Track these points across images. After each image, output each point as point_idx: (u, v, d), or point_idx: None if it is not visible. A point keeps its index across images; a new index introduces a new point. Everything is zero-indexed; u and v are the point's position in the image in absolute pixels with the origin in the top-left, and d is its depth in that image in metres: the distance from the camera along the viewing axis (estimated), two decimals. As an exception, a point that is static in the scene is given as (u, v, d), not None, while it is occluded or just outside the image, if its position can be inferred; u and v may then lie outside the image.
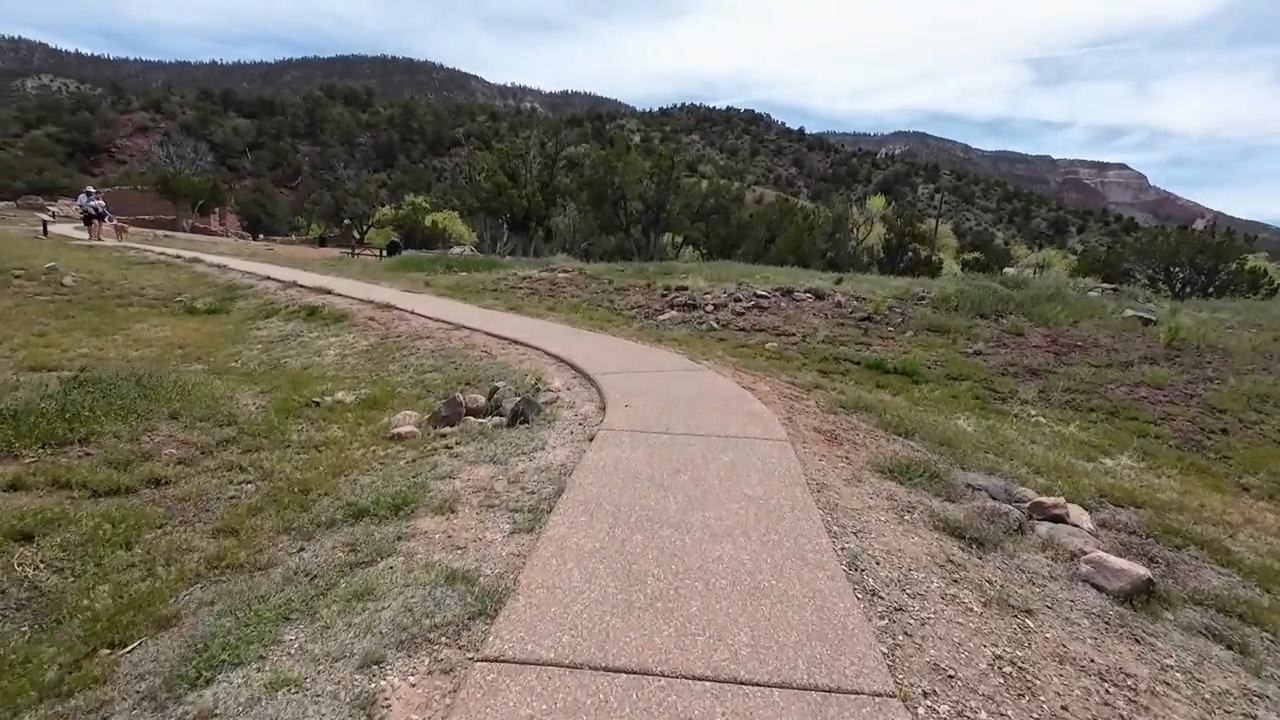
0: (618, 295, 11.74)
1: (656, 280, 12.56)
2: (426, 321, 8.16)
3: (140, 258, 15.34)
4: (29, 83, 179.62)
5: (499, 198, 21.23)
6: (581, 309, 10.73)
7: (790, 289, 11.03)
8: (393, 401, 5.29)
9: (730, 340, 8.85)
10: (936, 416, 6.11)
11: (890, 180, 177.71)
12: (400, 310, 8.93)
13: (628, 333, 9.05)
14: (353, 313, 8.80)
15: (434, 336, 7.33)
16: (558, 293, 12.18)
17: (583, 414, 4.48)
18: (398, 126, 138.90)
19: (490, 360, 6.20)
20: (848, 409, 5.53)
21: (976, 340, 9.11)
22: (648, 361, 6.20)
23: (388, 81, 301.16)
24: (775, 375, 6.84)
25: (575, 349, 6.56)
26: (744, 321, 9.74)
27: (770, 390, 5.66)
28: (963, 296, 10.44)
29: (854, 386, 6.88)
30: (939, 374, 7.87)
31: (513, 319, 8.81)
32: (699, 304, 10.43)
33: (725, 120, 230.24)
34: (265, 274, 12.73)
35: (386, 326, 7.93)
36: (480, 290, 12.39)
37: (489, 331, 7.42)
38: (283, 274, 13.07)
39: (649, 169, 23.37)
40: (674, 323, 9.81)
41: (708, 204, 26.16)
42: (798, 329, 9.43)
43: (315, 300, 9.89)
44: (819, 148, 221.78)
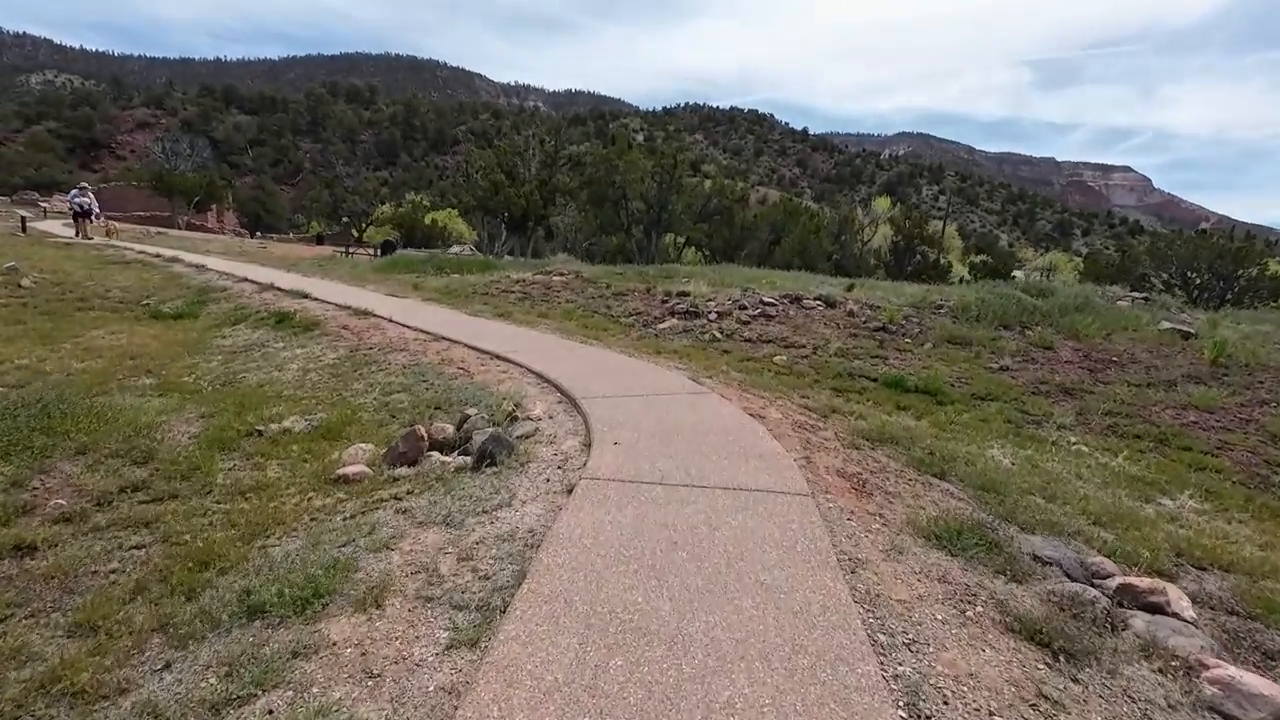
0: (615, 301, 11.05)
1: (657, 285, 11.87)
2: (404, 331, 7.47)
3: (118, 256, 14.68)
4: (33, 78, 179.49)
5: (495, 196, 20.53)
6: (576, 316, 10.04)
7: (799, 296, 10.33)
8: (349, 430, 4.60)
9: (735, 352, 8.15)
10: (968, 446, 5.41)
11: (894, 181, 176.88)
12: (378, 318, 8.24)
13: (624, 343, 8.36)
14: (326, 320, 8.12)
15: (409, 349, 6.64)
16: (551, 297, 11.49)
17: (564, 452, 3.79)
18: (400, 124, 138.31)
19: (467, 380, 5.50)
20: (871, 441, 4.83)
21: (1002, 354, 8.40)
22: (643, 381, 5.51)
23: (392, 79, 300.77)
24: (786, 396, 6.15)
25: (563, 366, 5.87)
26: (750, 331, 9.04)
27: (782, 418, 4.96)
28: (984, 306, 9.73)
29: (873, 410, 6.18)
30: (964, 393, 7.17)
31: (500, 328, 8.12)
32: (701, 311, 9.74)
33: (729, 120, 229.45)
34: (244, 275, 12.05)
35: (359, 337, 7.24)
36: (470, 294, 11.70)
37: (471, 344, 6.73)
38: (264, 275, 12.40)
39: (651, 168, 22.66)
40: (674, 332, 9.11)
41: (711, 204, 25.44)
42: (808, 340, 8.73)
43: (290, 305, 9.21)
44: (823, 148, 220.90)
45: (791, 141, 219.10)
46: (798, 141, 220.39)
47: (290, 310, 8.67)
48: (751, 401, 5.46)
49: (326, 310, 8.83)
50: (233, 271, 12.55)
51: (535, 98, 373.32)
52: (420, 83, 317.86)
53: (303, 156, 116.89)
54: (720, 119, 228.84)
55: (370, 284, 13.12)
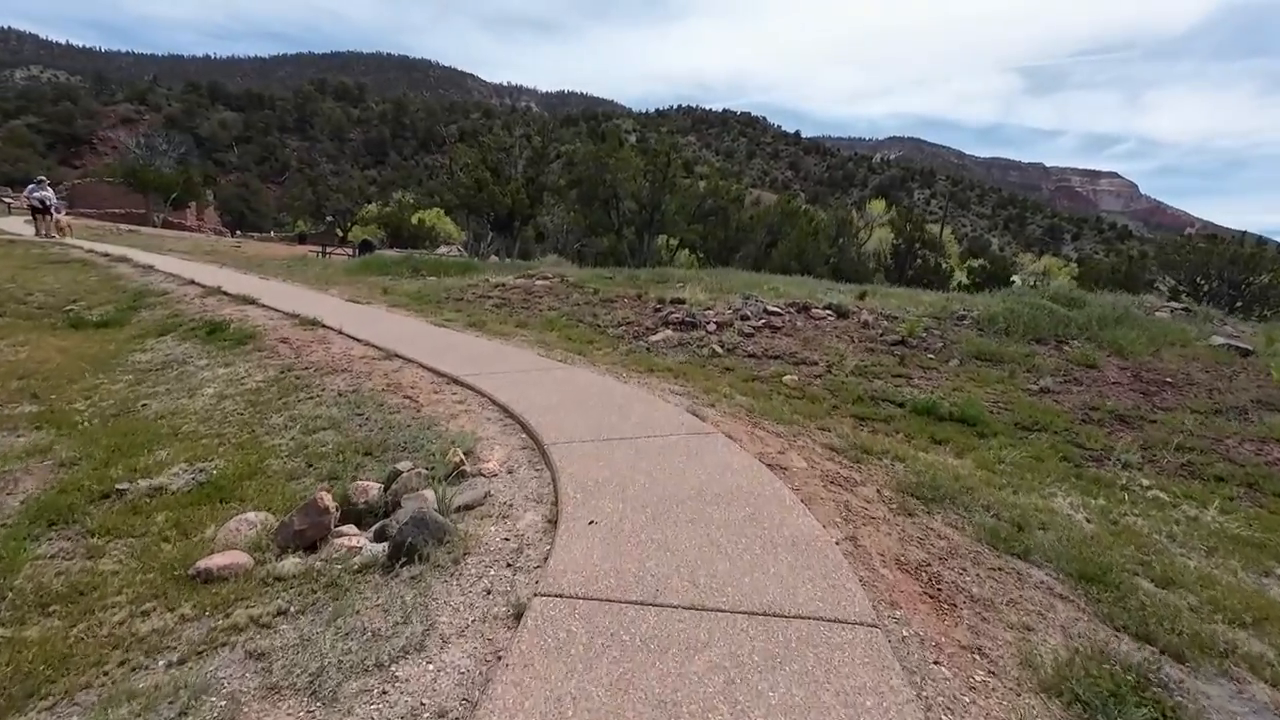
0: (603, 308, 9.98)
1: (649, 290, 10.81)
2: (352, 346, 6.36)
3: (60, 256, 13.45)
4: (18, 73, 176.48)
5: (479, 194, 19.41)
6: (558, 326, 8.96)
7: (806, 304, 9.30)
8: (246, 487, 3.51)
9: (739, 371, 7.11)
10: (1031, 497, 4.40)
11: (886, 185, 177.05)
12: (326, 329, 7.13)
13: (611, 359, 7.29)
14: (265, 331, 6.99)
15: (353, 370, 5.54)
16: (532, 304, 10.40)
17: (519, 535, 2.73)
18: (389, 123, 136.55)
19: (413, 414, 4.42)
20: (923, 500, 3.79)
21: (1040, 373, 7.41)
22: (632, 415, 4.44)
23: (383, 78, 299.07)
24: (804, 430, 5.10)
25: (535, 394, 4.80)
26: (754, 345, 8.00)
27: (808, 468, 3.92)
28: (1013, 317, 8.75)
29: (907, 447, 5.16)
30: (1006, 421, 6.16)
31: (468, 342, 7.02)
32: (699, 322, 8.68)
33: (721, 122, 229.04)
34: (193, 277, 10.88)
35: (298, 353, 6.13)
36: (442, 300, 10.60)
37: (428, 364, 5.64)
38: (216, 278, 11.23)
39: (644, 166, 21.62)
40: (669, 346, 8.05)
41: (705, 205, 24.43)
42: (820, 356, 7.70)
43: (230, 313, 8.07)
44: (815, 151, 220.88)
45: (784, 144, 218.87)
46: (790, 144, 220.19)
47: (227, 319, 7.54)
48: (766, 442, 4.41)
49: (270, 319, 7.70)
50: (182, 273, 11.37)
51: (527, 98, 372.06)
52: (412, 82, 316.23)
53: (290, 154, 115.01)
54: (713, 121, 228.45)
55: (336, 287, 11.99)
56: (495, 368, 5.65)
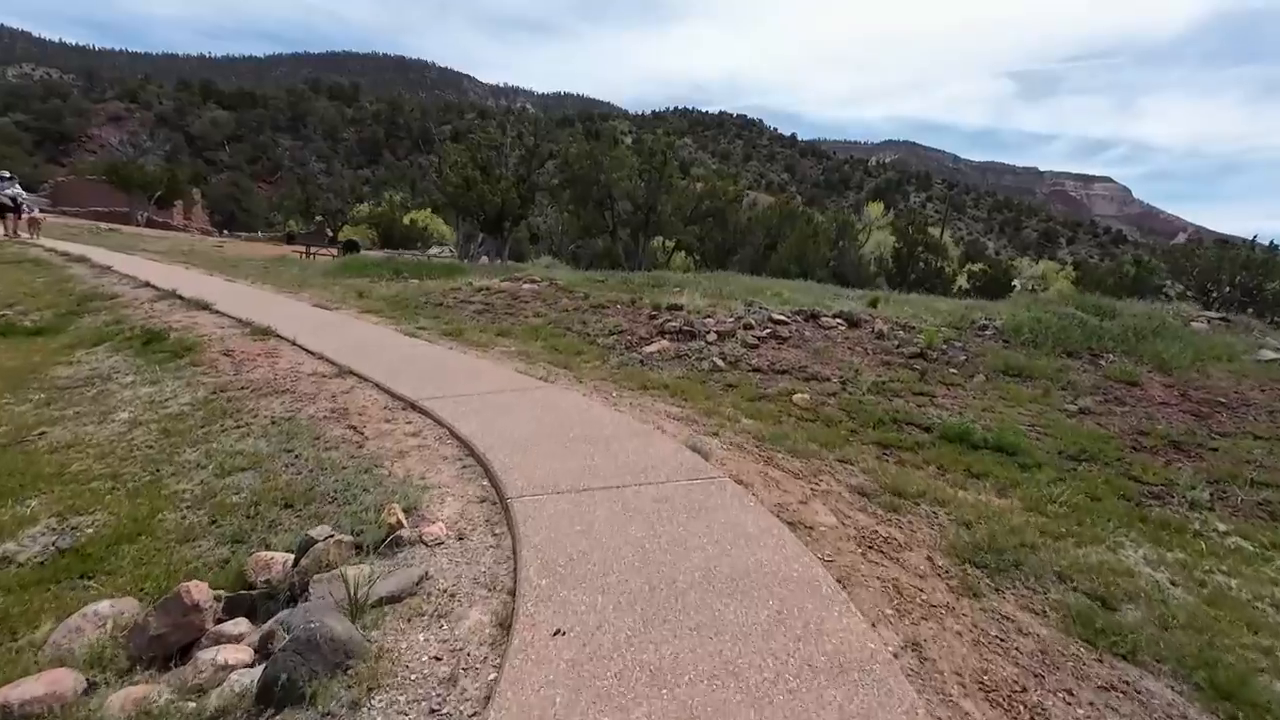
0: (593, 315, 9.20)
1: (644, 296, 10.04)
2: (303, 361, 5.57)
3: (16, 255, 12.60)
4: (10, 71, 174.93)
5: (467, 193, 18.61)
6: (544, 334, 8.18)
7: (815, 313, 8.55)
8: (122, 554, 2.74)
9: (744, 388, 6.34)
10: (1099, 551, 3.66)
11: (882, 188, 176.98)
12: (280, 339, 6.34)
13: (600, 374, 6.52)
14: (209, 342, 6.19)
15: (297, 390, 4.75)
16: (518, 310, 9.62)
17: (454, 653, 1.95)
18: (384, 123, 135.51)
19: (353, 450, 3.64)
20: (986, 568, 3.04)
21: (1077, 391, 6.67)
22: (621, 454, 3.67)
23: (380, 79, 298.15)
24: (826, 465, 4.35)
25: (506, 423, 4.02)
26: (759, 358, 7.23)
27: (838, 527, 3.15)
28: (1040, 328, 8.01)
29: (945, 485, 4.40)
30: (1048, 449, 5.42)
31: (439, 355, 6.24)
32: (698, 331, 7.92)
33: (718, 124, 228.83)
34: (149, 279, 10.06)
35: (239, 368, 5.33)
36: (420, 305, 9.81)
37: (384, 384, 4.85)
38: (178, 279, 10.41)
39: (639, 166, 20.88)
40: (665, 358, 7.28)
41: (702, 206, 23.69)
42: (833, 370, 6.94)
43: (178, 319, 7.27)
44: (811, 154, 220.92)
45: (780, 147, 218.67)
46: (786, 147, 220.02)
47: (168, 327, 6.73)
48: (783, 486, 3.64)
49: (219, 328, 6.90)
50: (140, 275, 10.53)
51: (524, 99, 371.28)
52: (408, 83, 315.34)
53: (282, 154, 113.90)
54: (709, 123, 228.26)
55: (308, 291, 11.19)
56: (464, 388, 4.87)
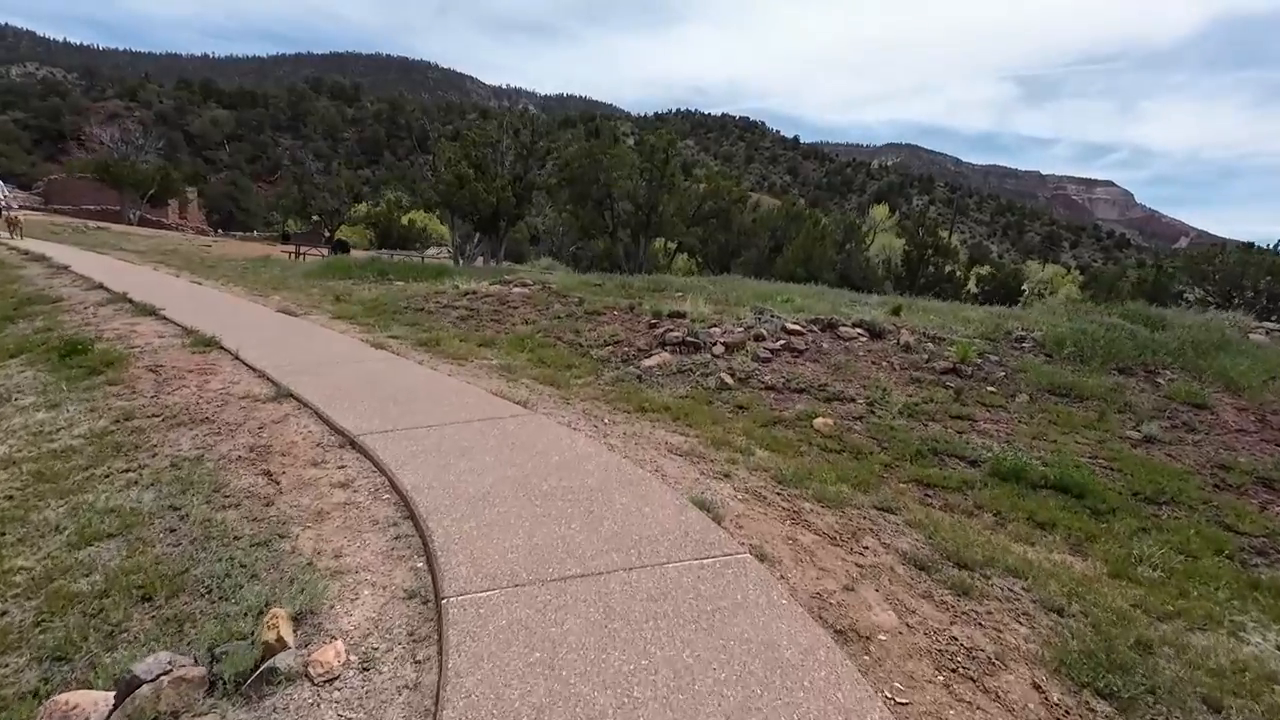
0: (588, 323, 8.36)
1: (643, 301, 9.21)
2: (241, 379, 4.73)
3: (-28, 253, 11.80)
4: (14, 70, 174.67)
5: (460, 191, 17.77)
6: (531, 345, 7.34)
7: (833, 321, 7.70)
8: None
9: (757, 410, 5.50)
10: (1221, 639, 2.82)
11: (885, 191, 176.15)
12: (223, 351, 5.51)
13: (592, 393, 5.68)
14: (138, 355, 5.36)
15: (220, 419, 3.91)
16: (505, 316, 8.78)
17: None
18: (384, 122, 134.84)
19: (260, 508, 2.80)
20: (1114, 700, 2.20)
21: (1138, 415, 5.83)
22: (607, 520, 2.82)
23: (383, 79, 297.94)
24: (865, 518, 3.51)
25: (463, 470, 3.19)
26: (773, 373, 6.38)
27: (901, 630, 2.31)
28: (1086, 340, 7.16)
29: (1012, 543, 3.56)
30: (1119, 489, 4.57)
31: (404, 371, 5.39)
32: (703, 342, 7.07)
33: (720, 126, 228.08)
34: (103, 281, 9.23)
35: (160, 388, 4.49)
36: (398, 310, 8.98)
37: (326, 411, 4.01)
38: (137, 281, 9.59)
39: (640, 164, 20.05)
40: (666, 374, 6.43)
41: (705, 206, 22.85)
42: (857, 388, 6.10)
43: (116, 327, 6.45)
44: (814, 156, 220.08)
45: (782, 149, 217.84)
46: (788, 149, 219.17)
47: (98, 337, 5.90)
48: (818, 559, 2.80)
49: (159, 337, 6.07)
50: (95, 276, 9.70)
51: (526, 100, 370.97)
52: (411, 84, 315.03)
53: (282, 153, 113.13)
54: (711, 125, 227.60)
55: (281, 294, 10.36)
56: (423, 416, 4.03)
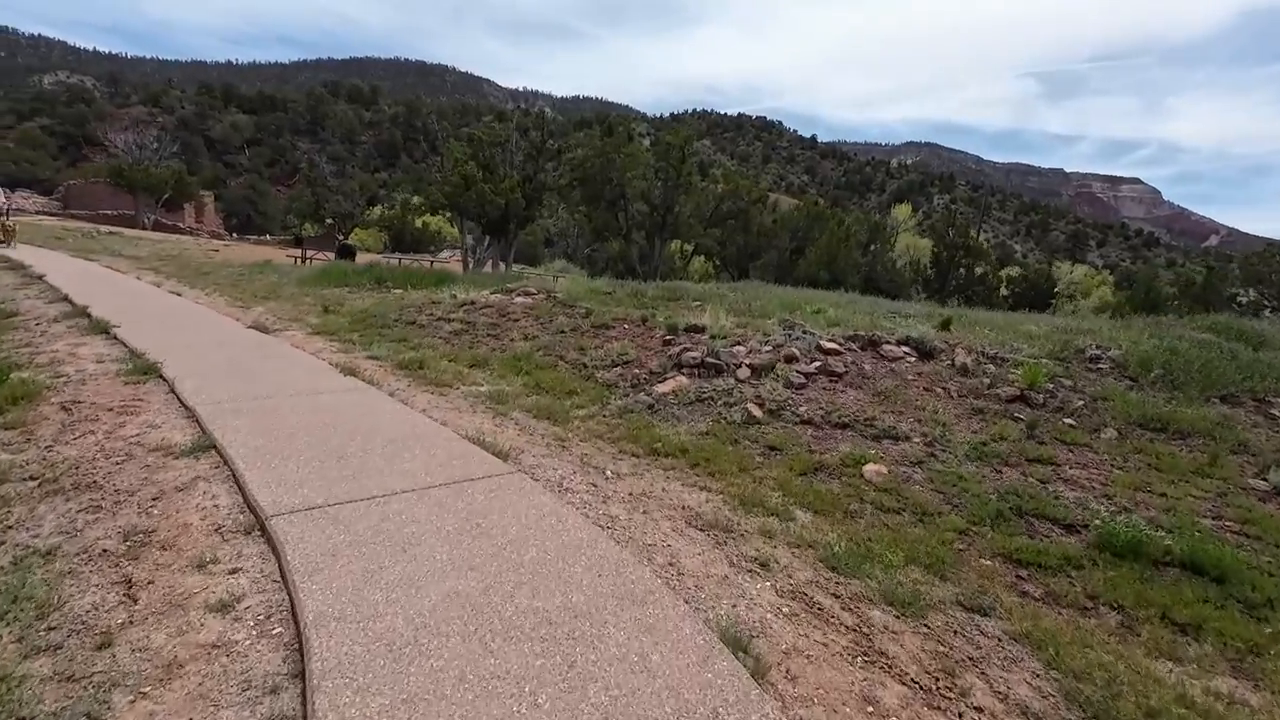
0: (594, 339, 7.45)
1: (657, 313, 8.29)
2: (163, 421, 3.89)
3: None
4: (46, 79, 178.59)
5: (467, 192, 16.99)
6: (528, 365, 6.45)
7: (874, 338, 6.70)
8: None
9: (792, 453, 4.55)
10: None
11: (905, 190, 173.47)
12: (163, 380, 4.69)
13: (594, 429, 4.77)
14: (60, 387, 4.56)
15: (110, 484, 3.06)
16: (503, 331, 7.91)
17: None
18: (401, 125, 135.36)
19: (88, 653, 1.90)
20: None
21: (1258, 458, 4.78)
22: (593, 687, 1.87)
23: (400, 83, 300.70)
24: (950, 622, 2.55)
25: (399, 579, 2.29)
26: (809, 403, 5.42)
27: None
28: (1177, 361, 6.10)
29: (1146, 659, 2.59)
30: (1270, 568, 3.57)
31: (371, 408, 4.51)
32: (725, 364, 6.12)
33: (736, 126, 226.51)
34: (69, 292, 8.52)
35: (61, 435, 3.67)
36: (388, 324, 8.15)
37: (245, 474, 3.13)
38: (105, 292, 8.88)
39: (655, 163, 19.14)
40: (683, 402, 5.50)
41: (723, 207, 21.87)
42: (911, 423, 5.13)
43: (54, 349, 5.67)
44: (832, 155, 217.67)
45: (800, 149, 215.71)
46: (806, 149, 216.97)
47: (27, 363, 5.11)
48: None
49: (99, 361, 5.27)
50: (65, 286, 9.00)
51: (542, 102, 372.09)
52: (429, 87, 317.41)
53: (300, 157, 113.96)
54: (728, 125, 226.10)
55: (265, 305, 9.59)
56: (369, 481, 3.13)
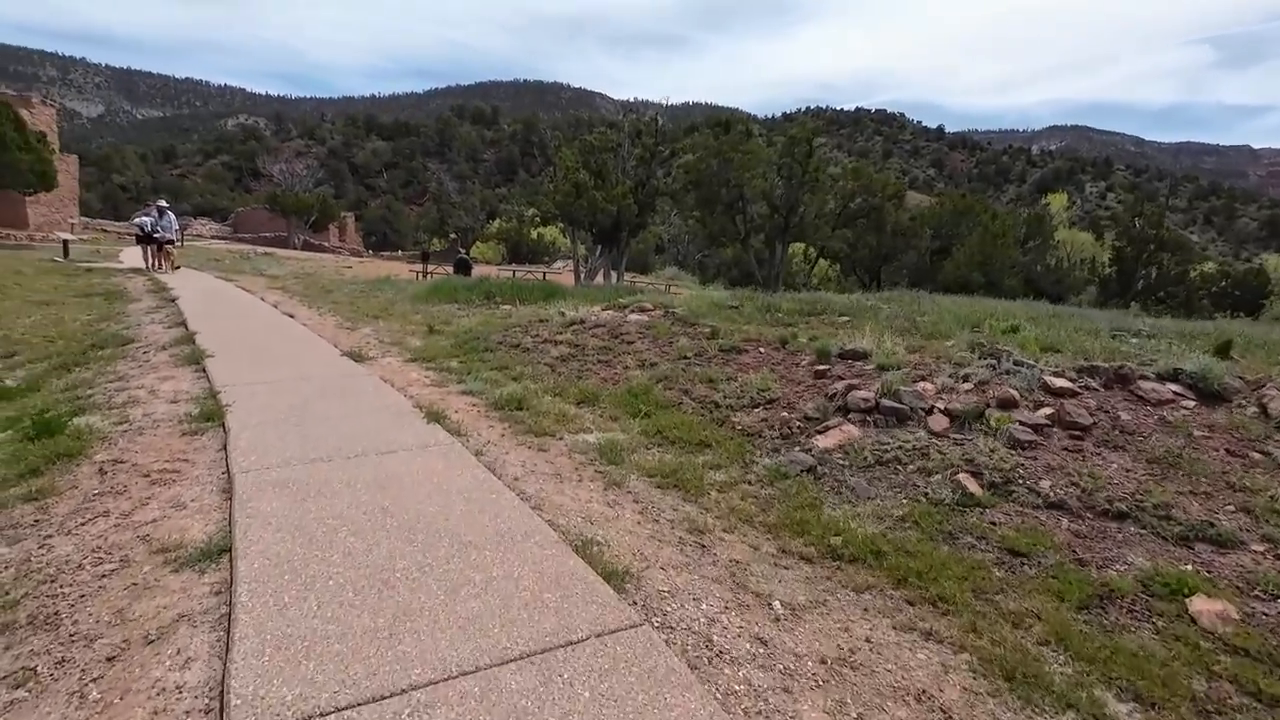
0: (724, 366, 6.11)
1: (798, 331, 6.81)
2: (190, 500, 3.07)
3: (96, 287, 11.96)
4: (229, 122, 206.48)
5: (577, 200, 16.31)
6: (645, 404, 5.22)
7: (1121, 371, 4.81)
8: None
9: (1051, 564, 2.94)
10: None
11: (1050, 179, 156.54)
12: (218, 431, 3.95)
13: (738, 512, 3.43)
14: (114, 438, 3.96)
15: (74, 616, 2.19)
16: (616, 356, 6.77)
17: None
18: (519, 142, 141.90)
19: None
20: None
21: None
22: None
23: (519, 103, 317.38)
24: None
25: None
26: (1049, 473, 3.73)
27: None
28: None
29: None
30: None
31: (452, 476, 3.49)
32: (909, 406, 4.53)
33: (854, 122, 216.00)
34: (188, 317, 8.48)
35: (75, 515, 2.95)
36: (491, 347, 7.30)
37: (241, 626, 2.09)
38: (226, 314, 8.81)
39: (777, 159, 17.50)
40: (857, 464, 4.02)
41: (853, 205, 19.73)
42: (1233, 512, 3.31)
43: (137, 385, 5.24)
44: (962, 146, 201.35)
45: (925, 141, 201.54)
46: (931, 141, 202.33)
47: (104, 403, 4.62)
48: None
49: (172, 402, 4.70)
50: (187, 310, 9.05)
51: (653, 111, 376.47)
52: (545, 105, 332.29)
53: (429, 177, 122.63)
54: (844, 121, 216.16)
55: (375, 324, 9.18)
56: (424, 642, 1.99)
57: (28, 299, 9.84)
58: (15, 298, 10.01)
